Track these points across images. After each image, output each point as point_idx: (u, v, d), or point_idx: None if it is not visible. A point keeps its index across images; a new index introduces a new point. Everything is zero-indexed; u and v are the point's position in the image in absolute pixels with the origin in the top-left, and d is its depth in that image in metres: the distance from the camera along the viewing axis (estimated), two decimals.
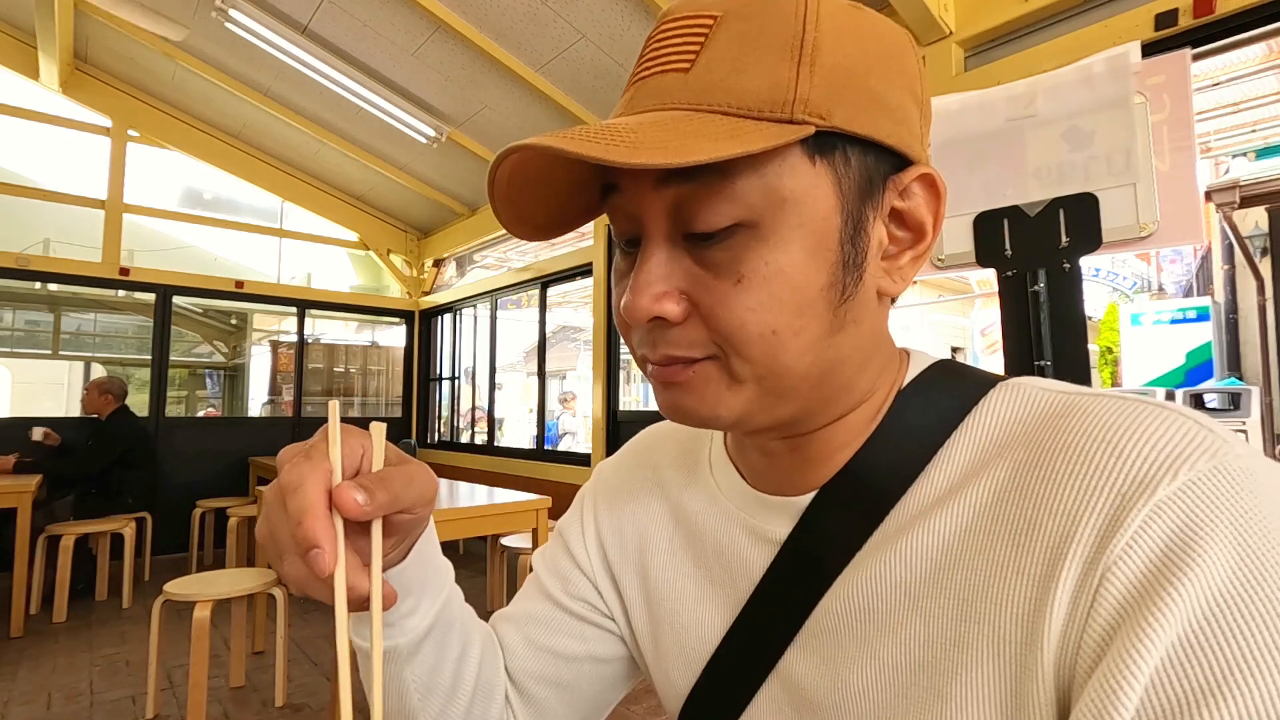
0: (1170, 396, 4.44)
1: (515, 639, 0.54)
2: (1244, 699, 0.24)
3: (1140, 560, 0.28)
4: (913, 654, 0.35)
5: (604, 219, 0.39)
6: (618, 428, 4.11)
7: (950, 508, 0.35)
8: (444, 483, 3.39)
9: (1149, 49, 1.88)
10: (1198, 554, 0.26)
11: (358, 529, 0.35)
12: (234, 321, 7.92)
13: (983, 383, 0.40)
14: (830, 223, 0.34)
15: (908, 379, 0.42)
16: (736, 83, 0.33)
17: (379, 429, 0.37)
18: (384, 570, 0.41)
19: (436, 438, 6.28)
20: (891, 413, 0.40)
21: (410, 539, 0.42)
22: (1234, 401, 4.13)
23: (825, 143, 0.34)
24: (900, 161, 0.36)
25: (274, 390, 6.39)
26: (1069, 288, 1.96)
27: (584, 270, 4.50)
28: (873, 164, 0.35)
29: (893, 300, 0.41)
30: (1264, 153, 4.71)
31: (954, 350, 12.29)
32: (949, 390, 0.40)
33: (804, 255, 0.34)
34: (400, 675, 0.47)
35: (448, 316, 6.21)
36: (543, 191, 0.38)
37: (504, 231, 5.22)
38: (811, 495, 0.41)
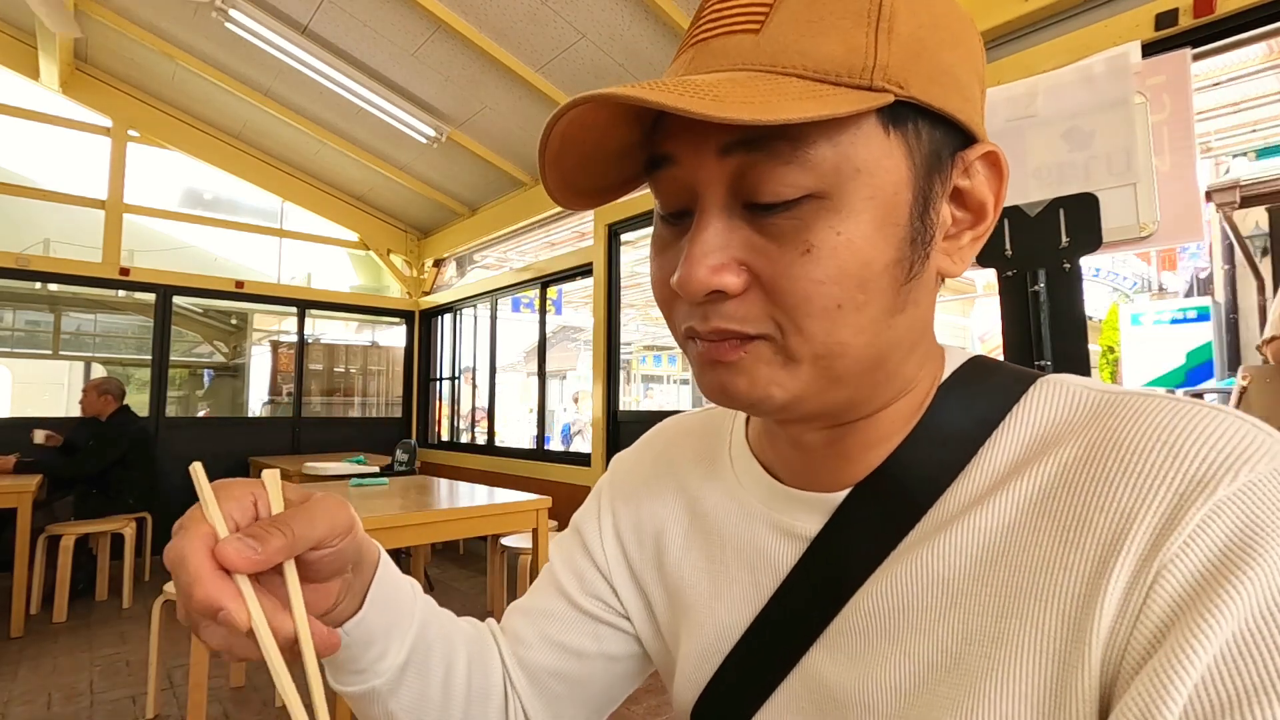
0: None
1: (530, 632, 0.54)
2: None
3: (1198, 558, 0.27)
4: (948, 650, 0.34)
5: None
6: (618, 428, 4.11)
7: (993, 504, 0.35)
8: (444, 483, 3.39)
9: (1149, 49, 1.88)
10: (1257, 555, 0.26)
11: (278, 580, 0.35)
12: (234, 321, 7.92)
13: (1022, 379, 0.39)
14: (901, 196, 0.33)
15: (946, 374, 0.41)
16: (812, 46, 0.32)
17: (272, 475, 0.37)
18: (341, 622, 0.42)
19: (437, 438, 6.28)
20: (932, 409, 0.39)
21: (352, 582, 0.41)
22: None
23: (899, 113, 0.33)
24: (965, 139, 0.36)
25: (274, 390, 6.39)
26: (1069, 288, 1.96)
27: (584, 270, 4.50)
28: (941, 139, 0.34)
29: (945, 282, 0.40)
30: (1264, 153, 4.70)
31: None
32: (988, 388, 0.39)
33: (873, 228, 0.33)
34: (387, 709, 0.47)
35: (448, 316, 6.21)
36: (590, 154, 0.36)
37: (504, 231, 5.23)
38: (845, 492, 0.40)
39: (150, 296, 5.11)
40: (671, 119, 0.34)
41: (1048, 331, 1.99)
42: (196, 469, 0.35)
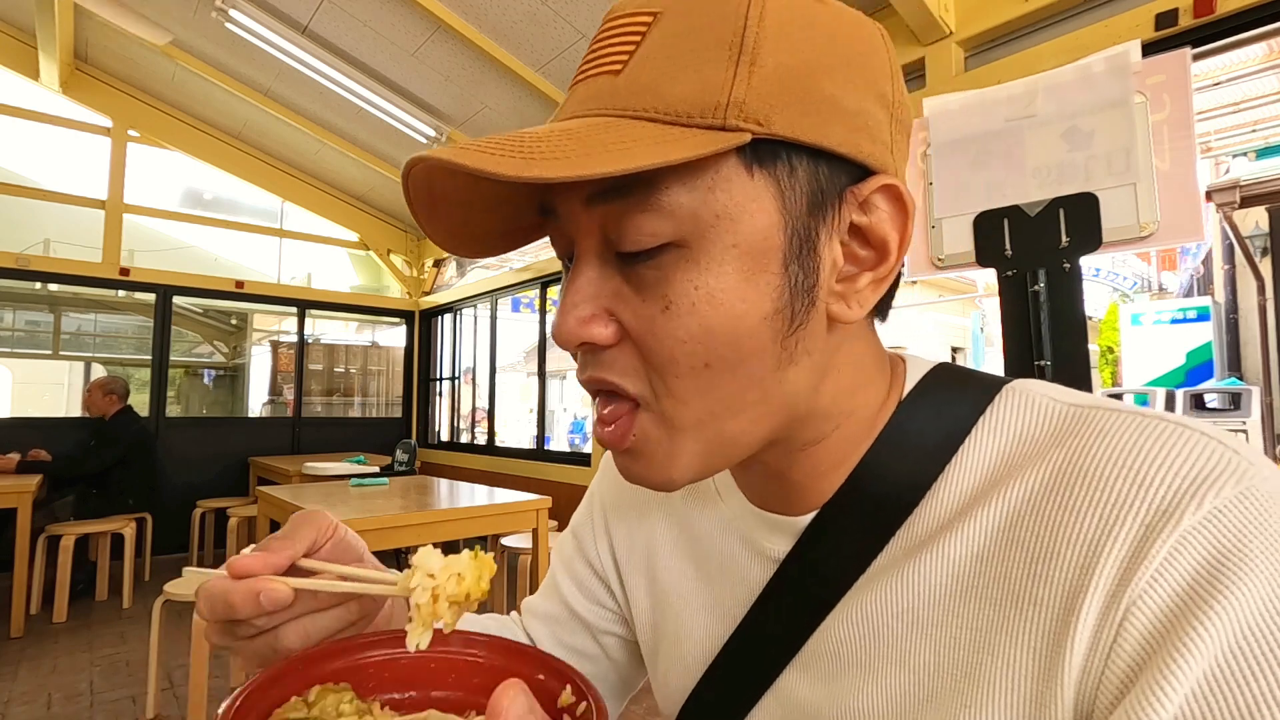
0: (1170, 396, 4.44)
1: (543, 634, 0.56)
2: None
3: (1166, 594, 0.26)
4: (921, 683, 0.33)
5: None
6: None
7: (961, 531, 0.34)
8: (444, 483, 3.39)
9: (1149, 48, 1.88)
10: (1225, 586, 0.25)
11: (307, 603, 0.37)
12: (234, 321, 7.91)
13: (987, 389, 0.38)
14: (772, 241, 0.31)
15: (908, 387, 0.39)
16: (668, 85, 0.30)
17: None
18: None
19: (437, 438, 6.27)
20: (891, 425, 0.38)
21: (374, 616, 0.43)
22: (1234, 401, 4.13)
23: (766, 151, 0.31)
24: (861, 172, 0.33)
25: (274, 390, 6.39)
26: (1069, 288, 1.96)
27: None
28: (826, 174, 0.32)
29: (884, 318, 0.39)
30: (1264, 153, 4.70)
31: (954, 350, 12.29)
32: (951, 400, 0.38)
33: (740, 279, 0.31)
34: None
35: (448, 316, 6.21)
36: (470, 206, 0.35)
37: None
38: (811, 515, 0.39)
39: (150, 296, 5.11)
40: None
41: (1048, 331, 1.99)
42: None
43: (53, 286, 5.68)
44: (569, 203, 0.33)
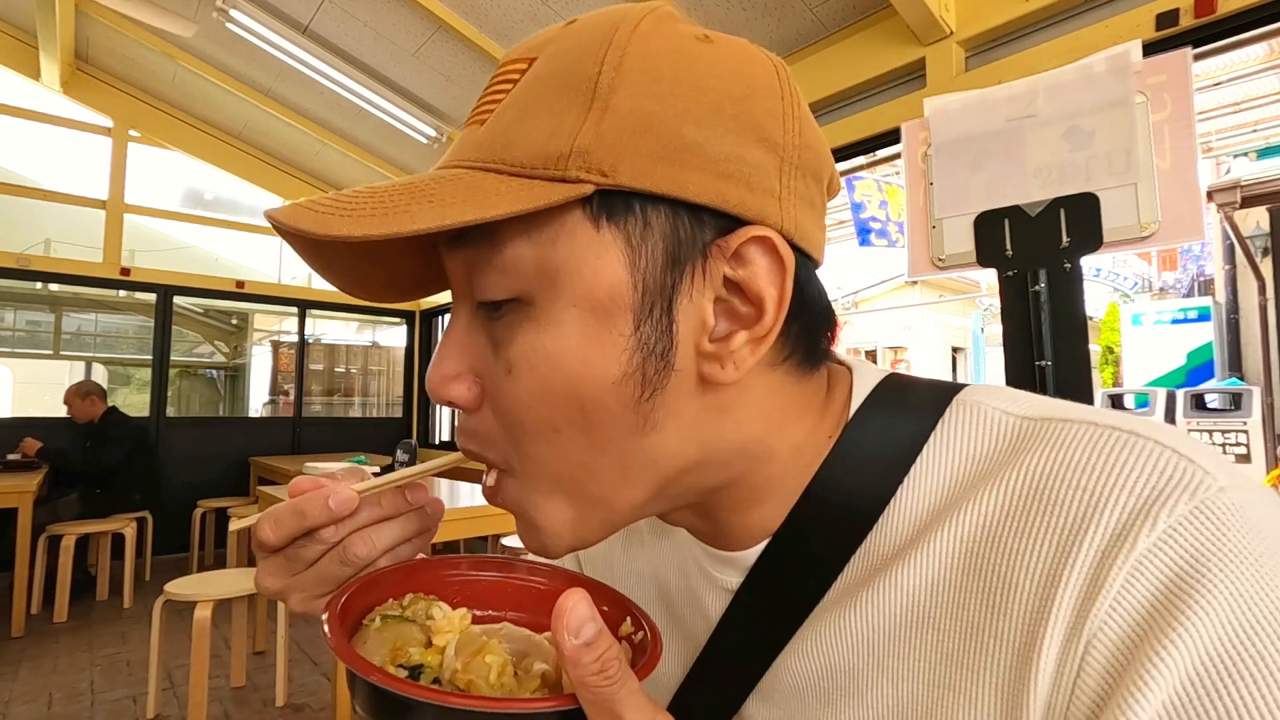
0: (1171, 396, 4.44)
1: None
2: None
3: (1125, 623, 0.26)
4: (880, 718, 0.32)
5: None
6: None
7: (916, 559, 0.32)
8: (444, 483, 3.39)
9: (1150, 48, 1.88)
10: (1184, 610, 0.24)
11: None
12: (235, 321, 7.92)
13: (937, 404, 0.35)
14: (619, 300, 0.29)
15: (854, 407, 0.37)
16: (518, 133, 0.29)
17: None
18: None
19: (437, 438, 6.28)
20: (836, 452, 0.35)
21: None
22: (1235, 402, 4.13)
23: (615, 203, 0.29)
24: (734, 224, 0.30)
25: (275, 390, 6.39)
26: (1070, 288, 1.96)
27: None
28: (687, 227, 0.30)
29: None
30: (1265, 152, 4.70)
31: (954, 350, 12.29)
32: (898, 419, 0.36)
33: (581, 339, 0.29)
34: None
35: (448, 317, 6.20)
36: (354, 257, 0.35)
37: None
38: (760, 548, 0.37)
39: (151, 296, 5.11)
40: None
41: (1048, 331, 1.99)
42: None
43: (53, 286, 5.69)
44: (443, 246, 0.33)
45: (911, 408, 0.36)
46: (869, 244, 6.85)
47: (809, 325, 0.35)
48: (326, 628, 0.30)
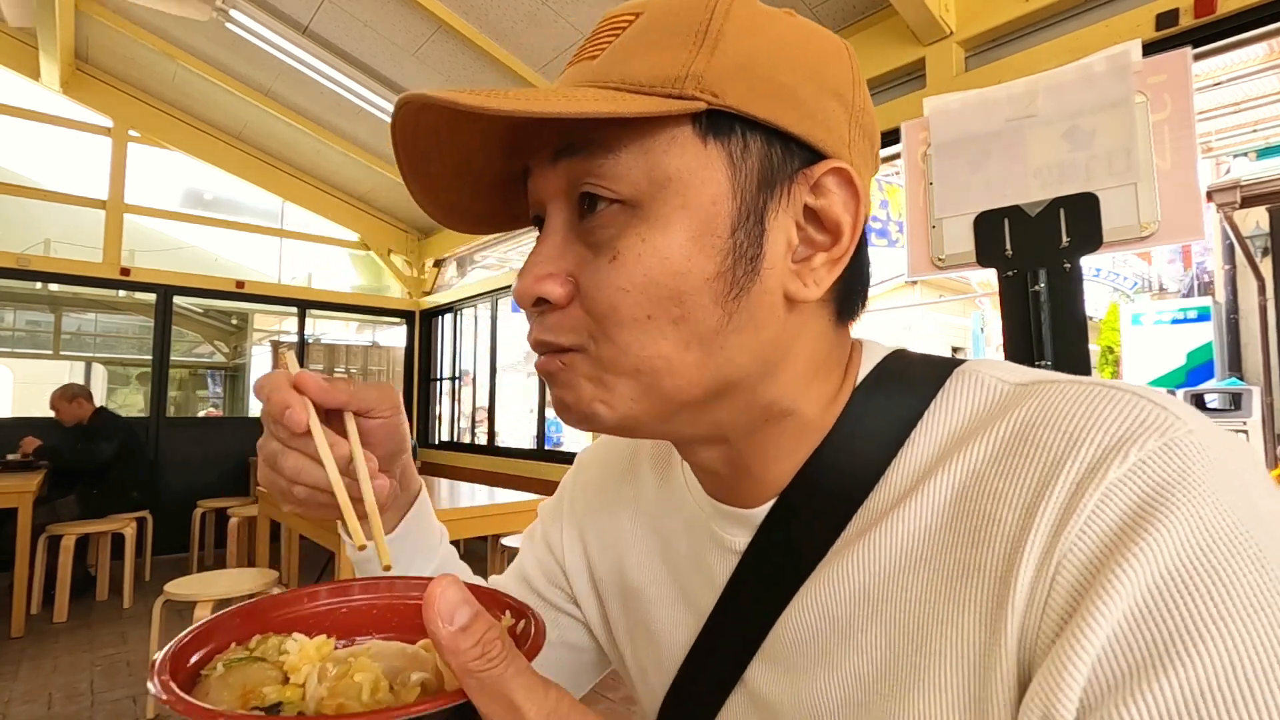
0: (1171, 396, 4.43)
1: None
2: (1187, 669, 0.24)
3: (1092, 544, 0.27)
4: (874, 661, 0.34)
5: None
6: None
7: (909, 508, 0.34)
8: (444, 483, 3.39)
9: (1150, 48, 1.88)
10: (1147, 531, 0.26)
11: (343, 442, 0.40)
12: (234, 321, 7.93)
13: (939, 372, 0.38)
14: (720, 208, 0.33)
15: (861, 377, 0.40)
16: (637, 63, 0.33)
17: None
18: (386, 533, 0.46)
19: (437, 438, 6.28)
20: (844, 417, 0.38)
21: (399, 495, 0.48)
22: (1235, 401, 4.13)
23: (720, 124, 0.33)
24: (815, 158, 0.34)
25: None
26: (1069, 287, 1.96)
27: None
28: (779, 154, 0.34)
29: (854, 309, 0.39)
30: (1265, 152, 4.70)
31: (954, 350, 12.29)
32: (903, 387, 0.38)
33: (687, 239, 0.32)
34: None
35: (448, 317, 6.20)
36: (460, 172, 0.38)
37: (504, 231, 5.23)
38: (768, 506, 0.39)
39: (151, 296, 5.11)
40: (524, 134, 0.36)
41: (1048, 331, 1.99)
42: (289, 355, 0.43)
43: (53, 286, 5.70)
44: (541, 163, 0.35)
45: (915, 378, 0.39)
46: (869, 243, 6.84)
47: (851, 278, 0.38)
48: (155, 684, 0.26)
